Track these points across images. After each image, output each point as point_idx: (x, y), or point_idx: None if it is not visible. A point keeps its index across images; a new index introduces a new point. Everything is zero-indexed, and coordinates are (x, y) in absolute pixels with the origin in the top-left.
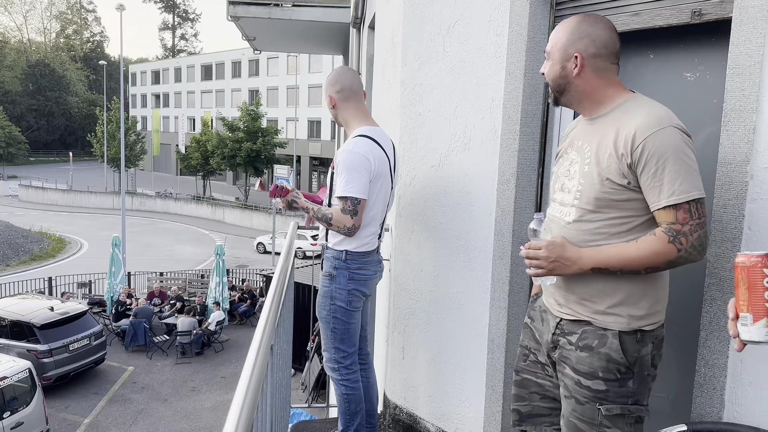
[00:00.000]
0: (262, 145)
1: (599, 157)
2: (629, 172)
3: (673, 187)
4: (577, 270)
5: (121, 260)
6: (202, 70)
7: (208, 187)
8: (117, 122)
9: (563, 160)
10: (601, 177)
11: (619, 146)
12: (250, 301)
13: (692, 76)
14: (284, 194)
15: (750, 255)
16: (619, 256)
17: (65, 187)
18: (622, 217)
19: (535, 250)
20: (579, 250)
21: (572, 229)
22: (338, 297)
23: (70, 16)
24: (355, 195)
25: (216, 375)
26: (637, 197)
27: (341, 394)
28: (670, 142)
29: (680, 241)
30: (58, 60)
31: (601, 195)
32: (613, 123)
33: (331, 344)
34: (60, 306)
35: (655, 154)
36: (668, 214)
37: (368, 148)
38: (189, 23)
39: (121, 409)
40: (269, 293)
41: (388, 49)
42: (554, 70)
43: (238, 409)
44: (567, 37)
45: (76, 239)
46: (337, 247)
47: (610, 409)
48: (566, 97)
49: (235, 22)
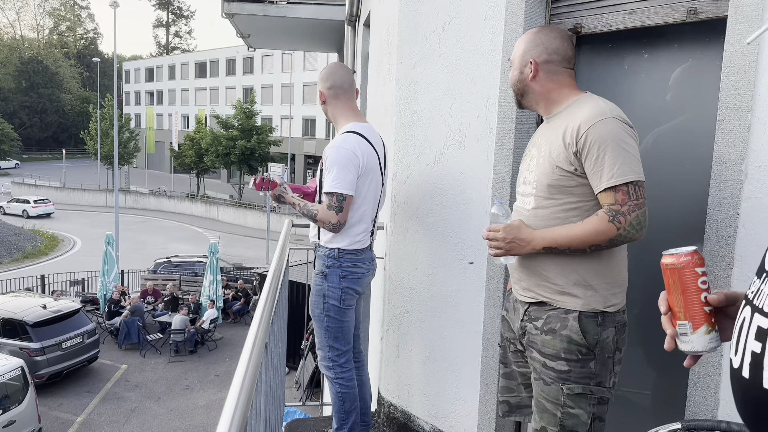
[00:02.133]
0: (257, 143)
1: (551, 149)
2: (575, 159)
3: (612, 171)
4: (530, 250)
5: (114, 258)
6: (196, 68)
7: (202, 185)
8: (110, 119)
9: (526, 158)
10: (552, 165)
11: (567, 137)
12: (244, 299)
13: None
14: (271, 187)
15: (678, 254)
16: (566, 235)
17: (58, 185)
18: (573, 203)
19: (494, 232)
20: (532, 232)
21: (531, 216)
22: (331, 295)
23: (64, 12)
24: (341, 191)
25: (209, 373)
26: (585, 182)
27: (336, 393)
28: (610, 130)
29: (619, 220)
30: (51, 57)
31: (553, 182)
32: (565, 119)
33: (325, 342)
34: (53, 304)
35: (596, 141)
36: (608, 195)
37: (356, 143)
38: (183, 20)
39: (114, 408)
40: (263, 291)
41: (383, 46)
42: (514, 75)
43: (232, 407)
44: (525, 46)
45: (69, 237)
46: (329, 245)
47: (572, 388)
48: (526, 100)
49: (229, 19)
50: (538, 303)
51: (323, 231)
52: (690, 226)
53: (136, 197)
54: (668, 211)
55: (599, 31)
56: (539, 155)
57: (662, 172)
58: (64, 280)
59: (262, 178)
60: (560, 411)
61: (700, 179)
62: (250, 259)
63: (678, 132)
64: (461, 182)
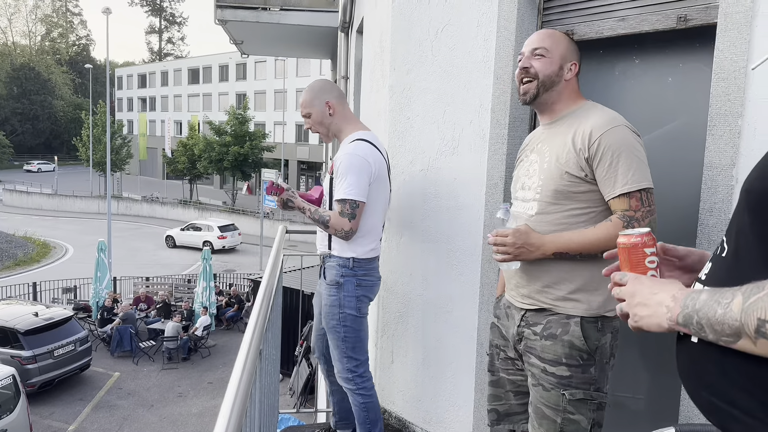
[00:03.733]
0: (250, 149)
1: (558, 154)
2: (586, 165)
3: (626, 178)
4: (540, 255)
5: (106, 265)
6: (189, 74)
7: (194, 191)
8: (103, 126)
9: (523, 164)
10: (560, 171)
11: (577, 142)
12: (237, 306)
13: (676, 81)
14: (279, 192)
15: (631, 235)
16: (578, 240)
17: (50, 192)
18: (580, 209)
19: (502, 237)
20: (542, 237)
21: (535, 221)
22: (347, 305)
23: (56, 19)
24: (355, 198)
25: (203, 380)
26: (593, 189)
27: (359, 404)
28: (623, 138)
29: (633, 226)
30: (43, 63)
31: (561, 187)
32: (571, 124)
33: (342, 354)
34: (44, 311)
35: (610, 148)
36: (622, 202)
37: (368, 151)
38: (176, 27)
39: (106, 416)
40: (258, 297)
41: (376, 53)
42: (553, 68)
43: (226, 415)
44: (566, 45)
45: (61, 244)
46: (343, 254)
47: (573, 393)
48: (547, 95)
49: (222, 26)
50: (537, 309)
51: (336, 241)
52: (681, 230)
53: (128, 204)
54: (660, 217)
55: (590, 37)
56: (542, 160)
57: (654, 177)
58: (56, 287)
59: (272, 182)
60: (561, 417)
61: (692, 184)
62: (243, 265)
63: (669, 137)
64: (454, 188)
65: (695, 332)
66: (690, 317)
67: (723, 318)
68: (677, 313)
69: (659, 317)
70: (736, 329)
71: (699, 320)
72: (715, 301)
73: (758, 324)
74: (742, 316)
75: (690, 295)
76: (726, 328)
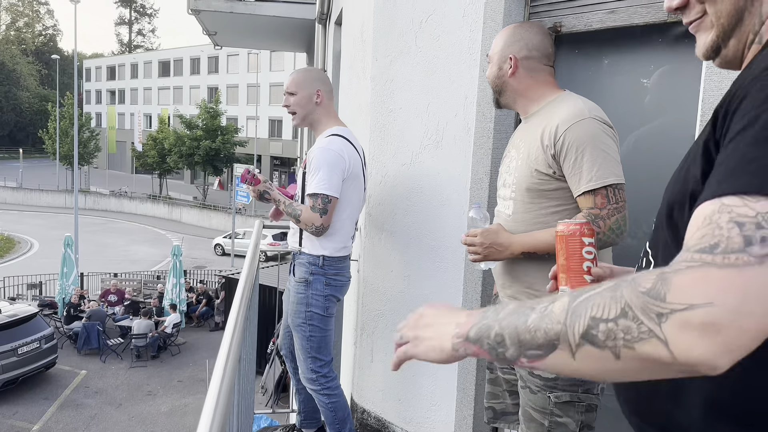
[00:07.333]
0: (222, 143)
1: (529, 151)
2: (554, 162)
3: (591, 174)
4: (509, 255)
5: (73, 261)
6: (159, 66)
7: (164, 186)
8: (70, 118)
9: (505, 159)
10: (530, 168)
11: (545, 139)
12: (206, 301)
13: (666, 75)
14: (255, 183)
15: (569, 223)
16: (544, 239)
17: (14, 185)
18: (553, 206)
19: (472, 237)
20: (510, 236)
21: (512, 221)
22: (314, 303)
23: (21, 8)
24: (327, 192)
25: (173, 379)
26: (564, 186)
27: (325, 405)
28: (588, 131)
29: (598, 224)
30: (8, 53)
31: (532, 186)
32: (543, 118)
33: (307, 354)
34: (8, 308)
35: (574, 143)
36: (588, 199)
37: (343, 146)
38: (146, 18)
39: (72, 415)
40: (236, 298)
41: (357, 44)
42: (492, 71)
43: (209, 419)
44: (504, 41)
45: (26, 239)
46: (314, 252)
47: (559, 396)
48: (504, 98)
49: (195, 16)
50: None
51: (307, 238)
52: None
53: (96, 198)
54: (648, 215)
55: (579, 30)
56: (518, 157)
57: (641, 174)
58: (21, 283)
59: (247, 170)
60: (548, 420)
61: None
62: (214, 261)
63: (658, 132)
64: (438, 183)
65: (489, 348)
66: (487, 329)
67: (537, 323)
68: (470, 326)
69: (443, 338)
70: (553, 335)
71: (500, 331)
72: (527, 307)
73: (589, 324)
74: (566, 317)
75: (493, 308)
76: (539, 336)
